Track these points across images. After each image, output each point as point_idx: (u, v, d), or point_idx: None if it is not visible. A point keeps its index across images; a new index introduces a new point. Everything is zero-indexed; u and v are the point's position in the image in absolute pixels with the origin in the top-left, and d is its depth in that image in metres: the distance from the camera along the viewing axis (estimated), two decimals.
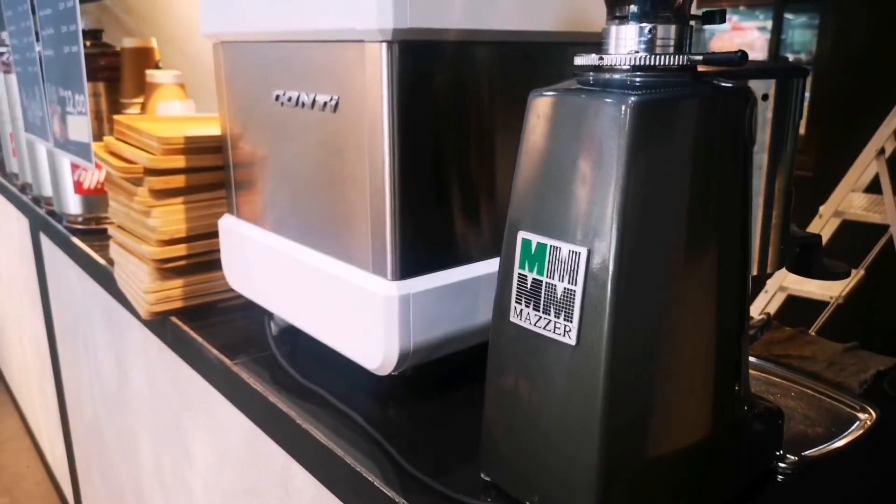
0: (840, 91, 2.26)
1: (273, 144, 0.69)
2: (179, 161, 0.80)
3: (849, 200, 1.77)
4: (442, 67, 0.55)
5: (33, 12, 1.03)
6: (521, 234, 0.43)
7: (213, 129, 0.85)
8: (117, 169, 0.80)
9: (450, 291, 0.58)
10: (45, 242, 1.44)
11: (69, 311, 1.38)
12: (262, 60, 0.67)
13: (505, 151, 0.60)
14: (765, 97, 0.45)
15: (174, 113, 1.04)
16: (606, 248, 0.39)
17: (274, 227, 0.71)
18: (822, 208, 1.80)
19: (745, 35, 3.10)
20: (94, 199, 1.23)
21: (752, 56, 0.42)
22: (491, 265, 0.61)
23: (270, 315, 0.77)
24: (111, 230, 0.92)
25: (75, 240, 1.20)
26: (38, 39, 1.06)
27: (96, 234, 1.24)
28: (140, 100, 1.11)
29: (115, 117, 0.89)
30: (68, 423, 1.60)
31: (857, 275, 1.79)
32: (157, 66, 1.13)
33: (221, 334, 0.80)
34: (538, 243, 0.42)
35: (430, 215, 0.57)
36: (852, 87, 2.17)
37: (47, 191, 1.37)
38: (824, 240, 0.52)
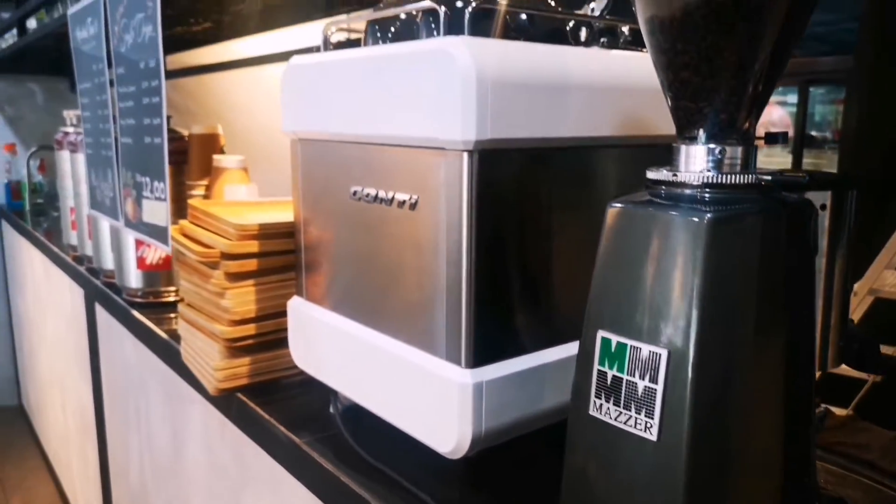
0: (869, 168, 2.30)
1: (346, 234, 0.74)
2: (253, 246, 0.85)
3: (883, 278, 1.78)
4: (516, 171, 0.60)
5: (112, 104, 1.12)
6: (601, 333, 0.47)
7: (282, 215, 0.91)
8: (196, 253, 0.85)
9: (520, 378, 0.62)
10: (101, 312, 1.50)
11: (121, 379, 1.42)
12: (340, 158, 0.73)
13: (572, 247, 0.64)
14: (822, 207, 0.50)
15: (240, 196, 1.10)
16: (686, 351, 0.42)
17: (344, 310, 0.76)
18: (856, 286, 1.81)
19: (769, 112, 3.18)
20: (154, 274, 1.29)
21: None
22: (557, 352, 0.64)
23: (335, 393, 0.80)
24: (181, 307, 0.97)
25: (135, 312, 1.25)
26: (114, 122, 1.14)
27: (154, 307, 1.29)
28: (205, 182, 1.18)
29: (190, 202, 0.95)
30: (110, 491, 1.61)
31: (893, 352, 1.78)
32: (221, 151, 1.20)
33: (286, 411, 0.84)
34: (618, 343, 0.46)
35: (502, 307, 0.61)
36: (882, 163, 2.20)
37: (108, 264, 1.44)
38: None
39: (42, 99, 3.00)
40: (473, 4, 0.59)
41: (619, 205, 0.48)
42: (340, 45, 0.81)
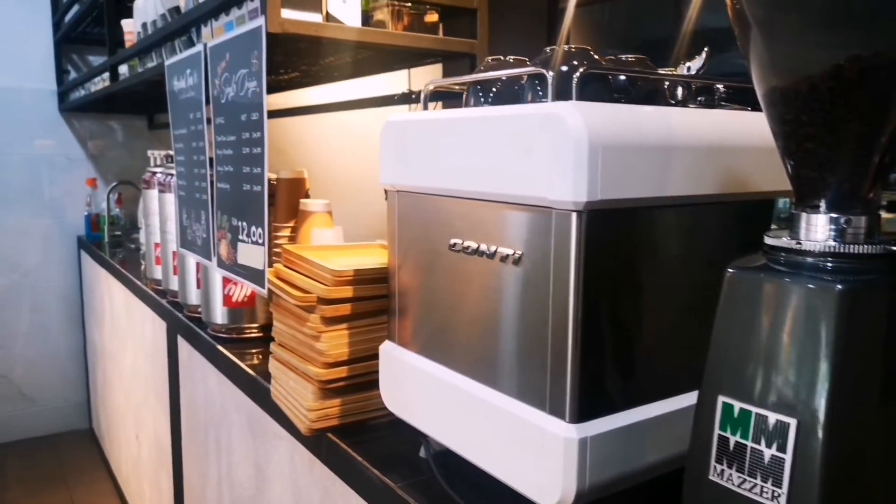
0: None
1: (443, 284, 0.76)
2: (348, 291, 0.89)
3: None
4: (622, 229, 0.61)
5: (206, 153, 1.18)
6: (722, 398, 0.47)
7: (372, 260, 0.94)
8: (294, 298, 0.89)
9: (623, 433, 0.62)
10: (183, 345, 1.56)
11: (202, 411, 1.47)
12: (440, 211, 0.75)
13: (676, 303, 0.65)
14: None
15: (327, 240, 1.14)
16: (817, 421, 0.42)
17: (439, 357, 0.78)
18: None
19: None
20: (239, 310, 1.34)
21: None
22: (660, 407, 0.64)
23: (427, 438, 0.82)
24: (273, 347, 1.00)
25: (221, 348, 1.30)
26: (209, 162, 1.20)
27: (237, 342, 1.34)
28: (291, 224, 1.23)
29: (284, 247, 1.00)
30: None
31: None
32: (307, 195, 1.25)
33: (376, 452, 0.86)
34: (741, 409, 0.46)
35: (607, 361, 0.62)
36: None
37: (192, 299, 1.50)
38: None
39: (122, 136, 3.16)
40: (581, 70, 0.62)
41: (738, 270, 0.48)
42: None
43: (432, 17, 1.11)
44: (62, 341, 3.09)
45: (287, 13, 0.94)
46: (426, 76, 2.25)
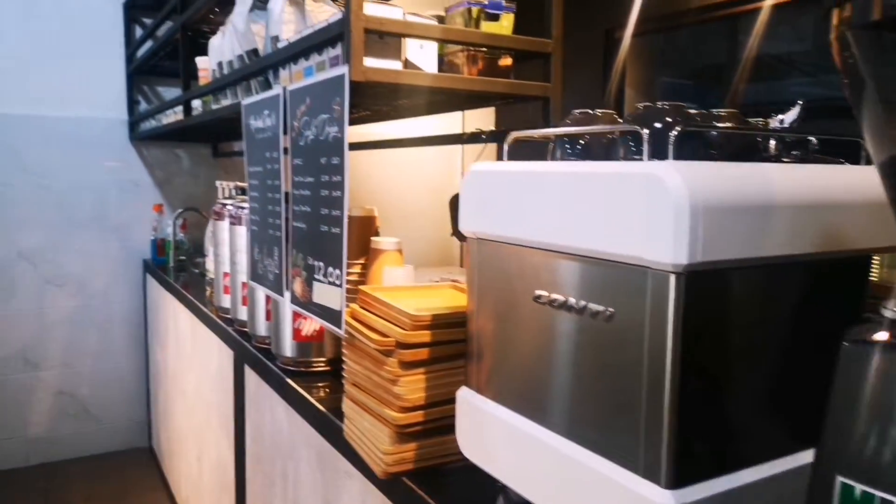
0: None
1: (525, 335, 0.76)
2: (426, 336, 0.89)
3: None
4: (720, 290, 0.60)
5: (283, 194, 1.21)
6: (841, 479, 0.46)
7: (449, 303, 0.95)
8: (373, 342, 0.90)
9: (721, 499, 0.61)
10: (250, 375, 1.59)
11: (269, 442, 1.49)
12: (524, 262, 0.76)
13: (775, 364, 0.63)
14: None
15: (399, 279, 1.16)
16: None
17: (520, 408, 0.77)
18: None
19: None
20: (308, 344, 1.36)
21: None
22: (759, 471, 0.63)
23: (504, 487, 0.81)
24: (348, 387, 1.02)
25: (290, 381, 1.32)
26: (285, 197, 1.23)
27: (305, 375, 1.36)
28: (361, 261, 1.24)
29: (361, 288, 1.01)
30: None
31: None
32: (377, 232, 1.27)
33: (452, 498, 0.86)
34: (863, 492, 0.44)
35: (705, 425, 0.61)
36: None
37: (261, 331, 1.53)
38: None
39: (187, 163, 3.28)
40: (678, 128, 0.61)
41: (857, 344, 0.47)
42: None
43: (506, 62, 1.12)
44: (125, 361, 3.19)
45: (370, 62, 0.96)
46: (480, 115, 2.25)
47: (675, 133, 0.61)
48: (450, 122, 2.92)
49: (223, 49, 1.60)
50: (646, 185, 0.59)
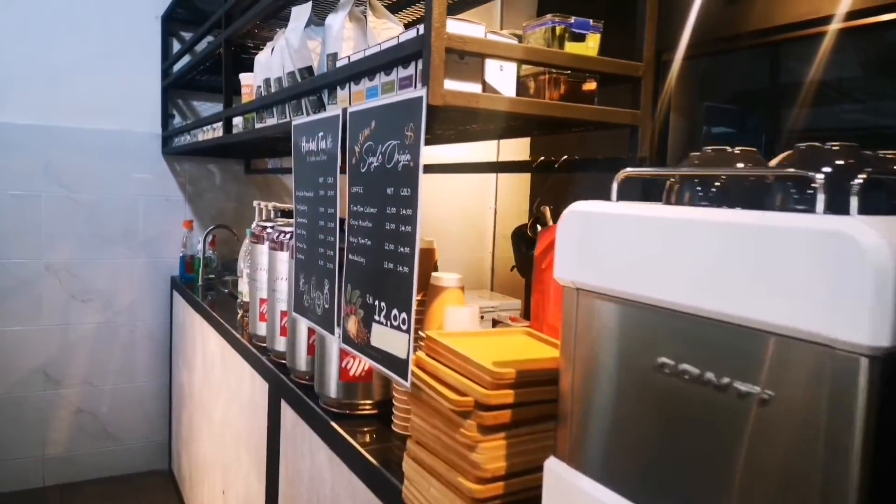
0: None
1: (637, 405, 0.65)
2: (509, 396, 0.78)
3: None
4: None
5: (340, 224, 1.12)
6: None
7: (528, 354, 0.84)
8: (448, 401, 0.79)
9: None
10: (287, 412, 1.49)
11: (307, 488, 1.38)
12: (642, 321, 0.65)
13: None
14: None
15: (463, 321, 1.05)
16: None
17: (622, 488, 0.66)
18: None
19: None
20: (354, 385, 1.25)
21: None
22: None
23: None
24: (410, 444, 0.91)
25: (335, 426, 1.22)
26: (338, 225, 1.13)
27: (351, 419, 1.25)
28: (418, 297, 1.14)
29: (428, 334, 0.91)
30: None
31: None
32: (436, 267, 1.16)
33: None
34: None
35: None
36: None
37: (302, 365, 1.43)
38: None
39: (219, 179, 3.21)
40: (863, 175, 0.50)
41: None
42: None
43: (590, 86, 1.02)
44: (148, 381, 3.11)
45: (449, 84, 0.86)
46: (514, 142, 2.15)
47: (860, 181, 0.50)
48: (484, 148, 2.83)
49: (271, 65, 1.52)
50: (833, 246, 0.48)
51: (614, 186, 0.70)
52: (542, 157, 1.20)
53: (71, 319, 2.94)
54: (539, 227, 1.26)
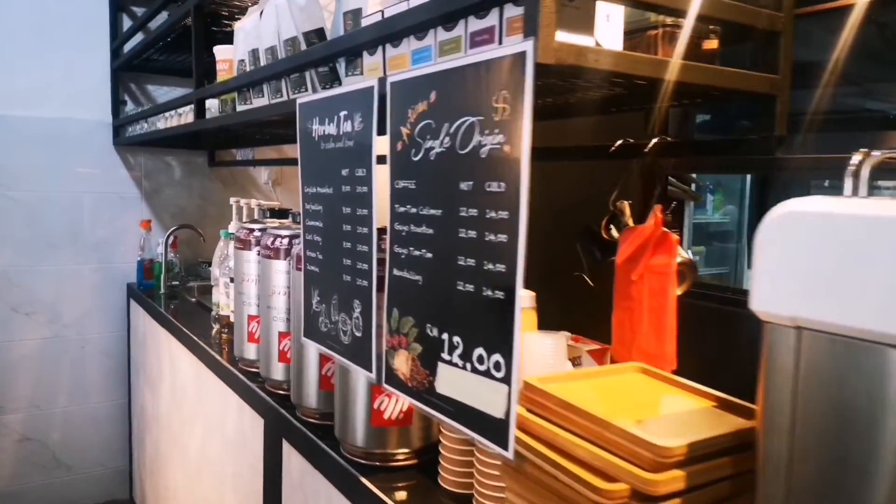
0: None
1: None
2: (680, 480, 0.55)
3: None
4: None
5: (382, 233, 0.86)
6: None
7: (675, 405, 0.61)
8: (594, 490, 0.55)
9: None
10: (293, 457, 1.22)
11: None
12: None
13: None
14: None
15: (547, 353, 0.81)
16: None
17: None
18: None
19: None
20: (387, 430, 1.00)
21: None
22: None
23: None
24: None
25: (367, 482, 0.96)
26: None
27: (383, 471, 1.00)
28: None
29: (527, 380, 0.66)
30: None
31: None
32: None
33: None
34: None
35: None
36: None
37: (311, 402, 1.16)
38: None
39: (179, 173, 2.88)
40: None
41: None
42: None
43: (711, 44, 0.79)
44: (104, 402, 2.77)
45: (560, 36, 0.62)
46: None
47: None
48: None
49: (261, 33, 1.24)
50: None
51: (864, 176, 0.47)
52: (622, 140, 0.96)
53: (12, 335, 2.57)
54: (613, 227, 1.03)
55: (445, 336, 0.73)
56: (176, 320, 2.02)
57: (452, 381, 0.72)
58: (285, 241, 1.27)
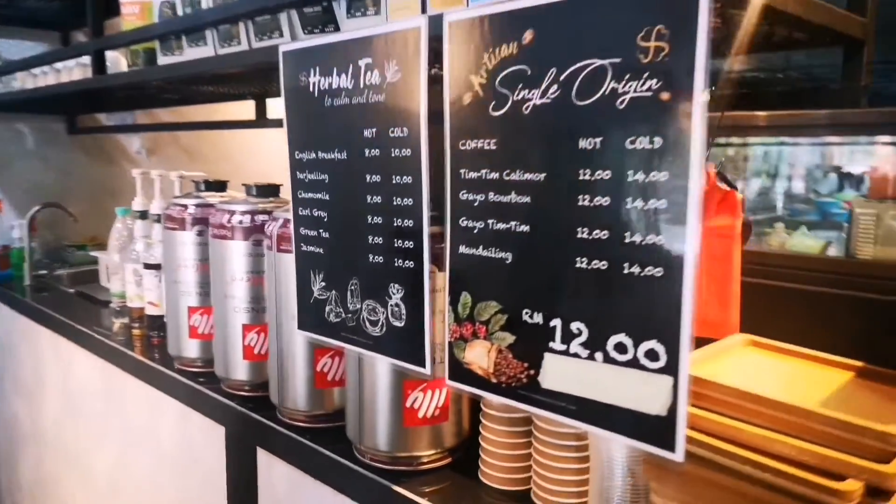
0: None
1: None
2: None
3: None
4: None
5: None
6: None
7: (828, 385, 0.55)
8: (816, 487, 0.47)
9: None
10: (277, 469, 1.06)
11: None
12: None
13: None
14: None
15: None
16: None
17: None
18: None
19: None
20: (420, 430, 0.88)
21: None
22: None
23: None
24: None
25: (402, 489, 0.84)
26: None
27: (412, 477, 0.88)
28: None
29: (696, 375, 0.57)
30: None
31: None
32: None
33: None
34: None
35: None
36: None
37: (299, 402, 1.00)
38: None
39: (32, 142, 2.44)
40: None
41: None
42: None
43: None
44: None
45: None
46: None
47: None
48: None
49: None
50: None
51: None
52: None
53: None
54: None
55: (556, 323, 0.62)
56: (63, 316, 1.71)
57: (568, 374, 0.62)
58: (246, 217, 1.08)
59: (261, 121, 1.64)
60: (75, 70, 1.44)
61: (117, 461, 1.54)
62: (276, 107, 1.72)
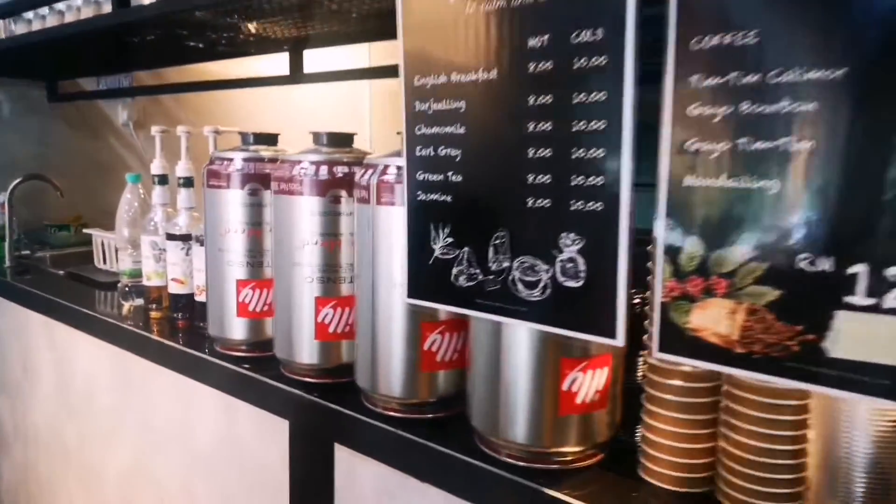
0: None
1: None
2: None
3: None
4: None
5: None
6: None
7: None
8: None
9: None
10: (357, 465, 0.88)
11: None
12: None
13: None
14: None
15: None
16: None
17: None
18: None
19: None
20: (572, 420, 0.71)
21: None
22: None
23: None
24: None
25: (560, 494, 0.68)
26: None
27: (558, 476, 0.71)
28: None
29: None
30: None
31: None
32: None
33: None
34: None
35: None
36: None
37: (394, 387, 0.83)
38: None
39: (8, 111, 2.19)
40: None
41: None
42: None
43: None
44: None
45: None
46: (384, 51, 1.53)
47: None
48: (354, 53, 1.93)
49: None
50: None
51: None
52: None
53: None
54: None
55: (859, 269, 0.47)
56: (63, 300, 1.49)
57: (877, 337, 0.46)
58: (323, 168, 0.90)
59: (296, 75, 1.45)
60: (83, 9, 1.22)
61: (132, 464, 1.33)
62: (316, 59, 1.51)
